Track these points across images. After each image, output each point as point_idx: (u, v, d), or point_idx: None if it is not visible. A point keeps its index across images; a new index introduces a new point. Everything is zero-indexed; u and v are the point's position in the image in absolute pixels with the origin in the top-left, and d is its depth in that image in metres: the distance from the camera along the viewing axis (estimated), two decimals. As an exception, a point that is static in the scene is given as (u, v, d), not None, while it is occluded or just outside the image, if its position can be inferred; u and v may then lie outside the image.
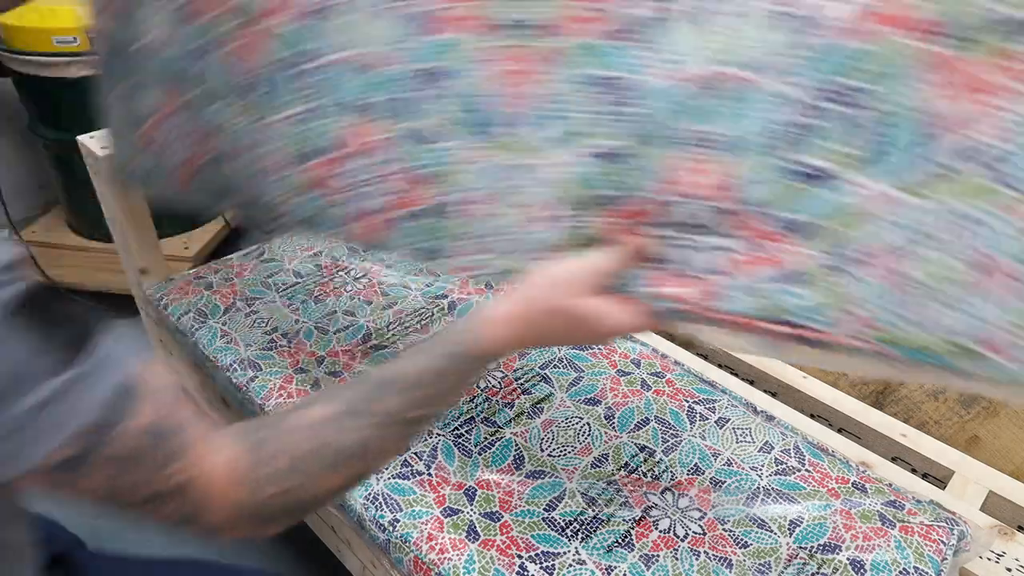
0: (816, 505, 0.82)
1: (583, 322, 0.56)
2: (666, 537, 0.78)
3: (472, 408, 0.94)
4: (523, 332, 0.56)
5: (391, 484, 0.84)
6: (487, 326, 0.56)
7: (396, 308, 1.11)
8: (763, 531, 0.79)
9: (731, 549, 0.77)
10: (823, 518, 0.80)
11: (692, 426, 0.93)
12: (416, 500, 0.82)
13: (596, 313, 0.56)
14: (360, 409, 0.52)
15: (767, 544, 0.77)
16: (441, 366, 0.55)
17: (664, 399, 0.97)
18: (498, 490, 0.83)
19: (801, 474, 0.86)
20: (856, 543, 0.78)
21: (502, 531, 0.78)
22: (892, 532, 0.79)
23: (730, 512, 0.81)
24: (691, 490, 0.84)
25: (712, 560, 0.76)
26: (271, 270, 1.20)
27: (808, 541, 0.78)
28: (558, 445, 0.89)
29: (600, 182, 0.59)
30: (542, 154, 0.61)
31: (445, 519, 0.80)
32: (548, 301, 0.56)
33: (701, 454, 0.88)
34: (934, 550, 0.78)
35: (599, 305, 0.56)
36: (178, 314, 1.11)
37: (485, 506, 0.81)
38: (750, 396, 1.00)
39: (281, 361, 1.01)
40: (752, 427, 0.93)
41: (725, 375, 1.07)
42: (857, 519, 0.80)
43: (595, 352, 1.05)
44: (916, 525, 0.80)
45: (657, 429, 0.92)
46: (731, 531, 0.79)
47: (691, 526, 0.79)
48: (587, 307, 0.56)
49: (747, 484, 0.84)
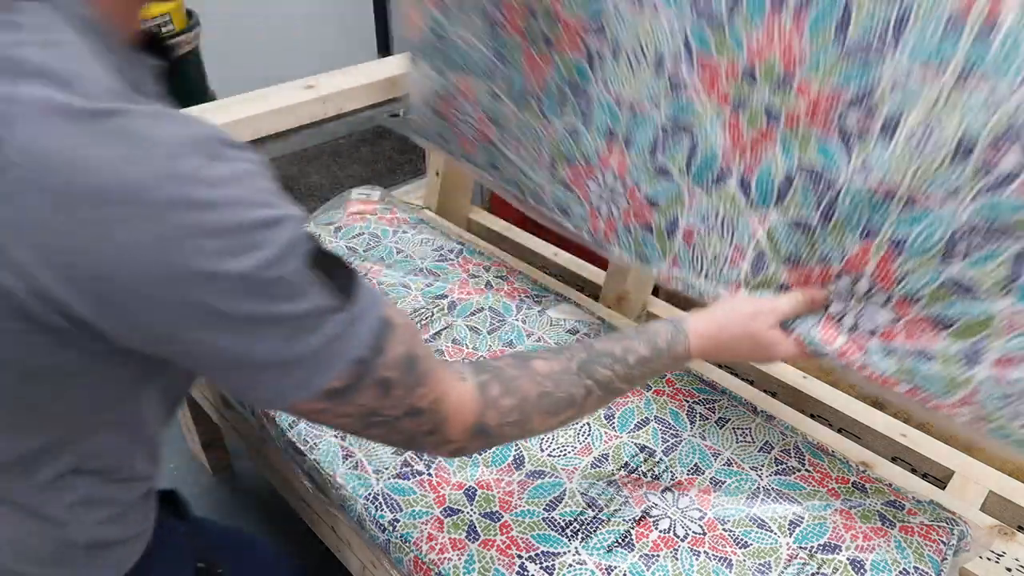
0: (816, 505, 0.82)
1: (763, 347, 0.76)
2: (666, 537, 0.78)
3: (472, 408, 0.94)
4: (717, 346, 0.74)
5: (391, 484, 0.84)
6: (692, 336, 0.73)
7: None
8: (763, 531, 0.79)
9: (731, 549, 0.77)
10: (823, 518, 0.80)
11: (692, 426, 0.93)
12: (416, 500, 0.82)
13: (774, 341, 0.76)
14: (575, 370, 0.64)
15: (767, 544, 0.77)
16: (644, 355, 0.70)
17: (664, 399, 0.97)
18: (498, 490, 0.83)
19: (801, 474, 0.86)
20: (856, 543, 0.78)
21: (502, 531, 0.78)
22: (892, 532, 0.79)
23: (730, 512, 0.81)
24: (691, 490, 0.84)
25: (712, 560, 0.76)
26: (271, 270, 1.20)
27: (808, 541, 0.78)
28: (558, 445, 0.89)
29: (794, 244, 0.76)
30: (752, 209, 0.78)
31: (445, 519, 0.80)
32: (744, 326, 0.75)
33: (701, 454, 0.88)
34: (934, 550, 0.78)
35: (776, 335, 0.76)
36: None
37: (485, 506, 0.81)
38: (750, 396, 1.00)
39: (281, 361, 1.00)
40: (752, 427, 0.93)
41: (725, 375, 1.07)
42: (857, 519, 0.80)
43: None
44: (916, 525, 0.80)
45: (657, 429, 0.92)
46: (731, 531, 0.79)
47: (691, 526, 0.79)
48: (769, 336, 0.75)
49: (747, 484, 0.84)
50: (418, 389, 0.52)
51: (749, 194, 0.78)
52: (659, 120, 0.84)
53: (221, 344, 0.43)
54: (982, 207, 0.62)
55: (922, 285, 0.68)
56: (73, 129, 0.39)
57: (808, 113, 0.71)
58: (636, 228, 0.91)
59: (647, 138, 0.86)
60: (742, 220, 0.79)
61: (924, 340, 0.69)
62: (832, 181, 0.71)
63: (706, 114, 0.79)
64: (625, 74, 0.86)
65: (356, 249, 1.26)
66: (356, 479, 0.85)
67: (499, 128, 1.07)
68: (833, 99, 0.68)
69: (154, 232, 0.39)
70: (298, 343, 0.45)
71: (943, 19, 0.59)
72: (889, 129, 0.65)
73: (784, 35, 0.70)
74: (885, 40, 0.64)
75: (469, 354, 1.02)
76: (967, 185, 0.62)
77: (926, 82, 0.62)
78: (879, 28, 0.64)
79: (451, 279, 1.18)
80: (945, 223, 0.64)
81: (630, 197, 0.90)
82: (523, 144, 1.04)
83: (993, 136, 0.59)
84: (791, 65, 0.70)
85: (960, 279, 0.65)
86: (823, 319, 0.76)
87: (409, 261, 1.23)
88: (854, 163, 0.68)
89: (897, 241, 0.68)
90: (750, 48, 0.73)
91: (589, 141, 0.93)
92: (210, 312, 0.42)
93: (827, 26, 0.67)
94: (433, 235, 1.31)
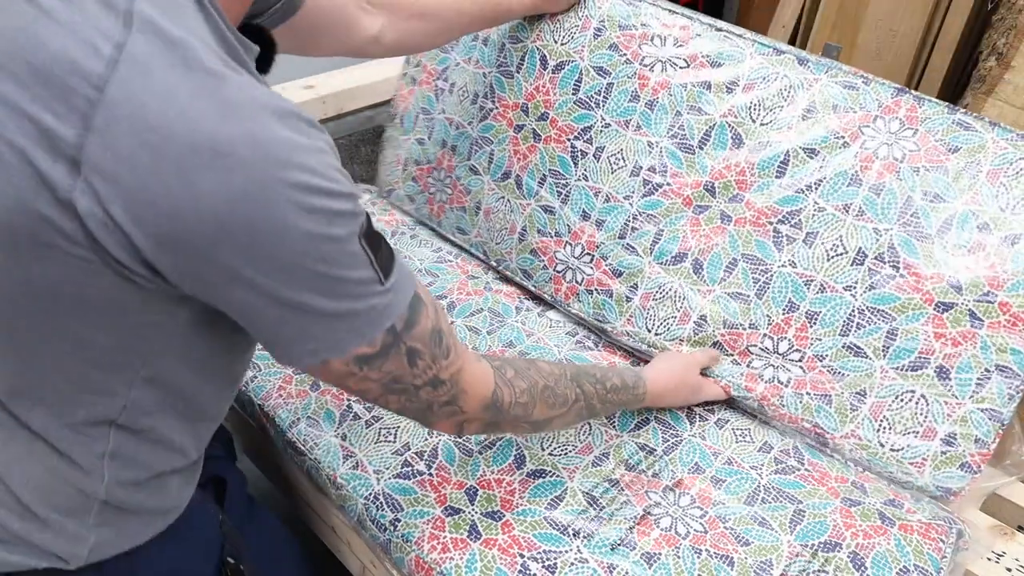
0: (816, 503, 0.82)
1: (696, 391, 0.93)
2: (668, 535, 0.78)
3: (472, 408, 0.94)
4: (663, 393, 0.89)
5: (392, 484, 0.84)
6: (649, 381, 0.86)
7: (395, 308, 1.11)
8: (764, 529, 0.79)
9: (733, 547, 0.77)
10: (823, 516, 0.80)
11: (692, 426, 0.93)
12: (417, 500, 0.82)
13: (703, 385, 0.94)
14: (568, 376, 0.73)
15: (768, 542, 0.78)
16: (617, 384, 0.80)
17: (664, 398, 0.97)
18: (499, 489, 0.83)
19: (801, 473, 0.86)
20: (856, 540, 0.78)
21: (504, 530, 0.78)
22: (892, 530, 0.79)
23: (731, 510, 0.81)
24: (692, 488, 0.84)
25: (714, 558, 0.76)
26: (269, 270, 1.20)
27: (809, 539, 0.78)
28: (559, 444, 0.89)
29: (731, 312, 0.95)
30: (701, 286, 0.98)
31: (447, 518, 0.80)
32: (682, 377, 0.92)
33: (701, 453, 0.89)
34: (933, 548, 0.78)
35: (703, 380, 0.95)
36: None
37: (486, 505, 0.81)
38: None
39: (280, 361, 1.00)
40: (751, 427, 0.93)
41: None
42: (857, 517, 0.80)
43: (594, 353, 1.05)
44: (915, 523, 0.80)
45: (657, 429, 0.92)
46: (732, 529, 0.79)
47: (693, 524, 0.79)
48: (699, 381, 0.94)
49: (747, 483, 0.85)
50: (441, 361, 0.58)
51: (700, 273, 0.98)
52: (631, 211, 1.03)
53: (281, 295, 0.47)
54: (869, 296, 0.87)
55: (827, 348, 0.89)
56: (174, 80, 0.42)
57: (753, 221, 0.94)
58: (598, 292, 1.06)
59: (618, 222, 1.04)
60: (692, 291, 0.98)
61: (825, 388, 0.89)
62: (767, 268, 0.93)
63: (672, 211, 1.00)
64: (605, 172, 1.05)
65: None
66: (356, 479, 0.85)
67: (471, 196, 1.20)
68: (772, 214, 0.93)
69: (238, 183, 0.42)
70: (344, 306, 0.49)
71: (847, 176, 0.89)
72: (810, 240, 0.91)
73: (739, 166, 0.95)
74: (810, 185, 0.91)
75: (469, 354, 1.02)
76: (861, 281, 0.87)
77: (836, 213, 0.89)
78: (806, 177, 0.91)
79: (450, 280, 1.18)
80: (846, 305, 0.88)
81: (596, 267, 1.06)
82: (495, 213, 1.17)
83: (876, 253, 0.87)
84: (743, 187, 0.95)
85: (853, 345, 0.88)
86: (747, 372, 0.95)
87: (408, 262, 1.23)
88: (784, 258, 0.92)
89: (811, 315, 0.90)
90: (712, 170, 0.97)
91: (563, 217, 1.09)
92: (278, 262, 0.46)
93: (771, 166, 0.93)
94: (432, 236, 1.31)
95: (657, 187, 1.01)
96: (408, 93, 1.31)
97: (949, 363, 0.83)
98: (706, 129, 0.97)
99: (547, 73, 1.09)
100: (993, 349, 0.82)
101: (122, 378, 0.53)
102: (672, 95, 1.00)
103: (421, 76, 1.29)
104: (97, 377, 0.52)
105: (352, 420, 0.91)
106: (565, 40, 1.07)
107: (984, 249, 0.82)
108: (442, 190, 1.25)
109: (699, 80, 0.98)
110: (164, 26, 0.43)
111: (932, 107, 0.87)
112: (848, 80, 0.92)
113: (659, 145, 1.01)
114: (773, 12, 1.90)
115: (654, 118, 1.01)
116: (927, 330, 0.84)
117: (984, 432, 0.83)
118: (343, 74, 1.43)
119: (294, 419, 0.92)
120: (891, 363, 0.86)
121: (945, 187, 0.84)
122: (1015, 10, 1.37)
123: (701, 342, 0.98)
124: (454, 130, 1.22)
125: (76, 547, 0.57)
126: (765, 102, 0.94)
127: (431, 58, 1.27)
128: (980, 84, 1.39)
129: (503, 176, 1.15)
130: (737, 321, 0.95)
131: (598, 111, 1.05)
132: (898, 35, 1.60)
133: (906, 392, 0.86)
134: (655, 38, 1.02)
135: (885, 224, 0.86)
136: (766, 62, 0.96)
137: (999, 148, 0.83)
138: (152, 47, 0.42)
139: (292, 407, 0.94)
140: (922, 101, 0.88)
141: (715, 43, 0.99)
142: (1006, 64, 1.33)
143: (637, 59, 1.03)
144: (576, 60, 1.06)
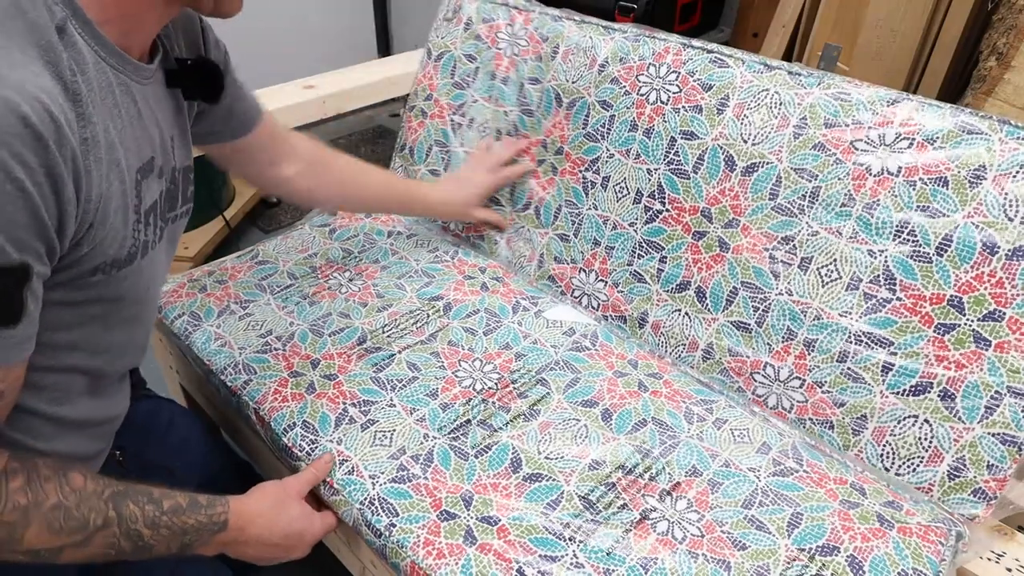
0: (814, 506, 0.81)
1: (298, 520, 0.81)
2: (664, 539, 0.78)
3: (468, 411, 0.93)
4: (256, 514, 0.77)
5: (387, 489, 0.83)
6: (235, 500, 0.75)
7: (391, 310, 1.10)
8: (762, 532, 0.78)
9: (730, 551, 0.76)
10: (821, 519, 0.80)
11: (690, 427, 0.92)
12: (412, 505, 0.81)
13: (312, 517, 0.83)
14: (106, 496, 0.62)
15: (766, 546, 0.77)
16: (181, 504, 0.69)
17: (662, 400, 0.96)
18: (495, 494, 0.82)
19: (799, 475, 0.86)
20: (855, 544, 0.77)
21: (499, 535, 0.78)
22: (890, 533, 0.79)
23: (728, 514, 0.81)
24: (689, 492, 0.83)
25: (711, 562, 0.75)
26: (265, 272, 1.20)
27: (807, 542, 0.77)
28: (555, 447, 0.88)
29: (735, 340, 0.99)
30: (707, 312, 1.01)
31: (442, 523, 0.79)
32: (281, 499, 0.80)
33: (699, 455, 0.88)
34: (932, 551, 0.78)
35: (305, 509, 0.83)
36: (172, 317, 1.10)
37: (482, 510, 0.81)
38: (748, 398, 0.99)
39: (276, 364, 1.00)
40: (750, 428, 0.93)
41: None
42: (855, 520, 0.80)
43: (592, 354, 1.04)
44: (914, 526, 0.80)
45: (655, 430, 0.91)
46: (729, 533, 0.78)
47: (689, 528, 0.79)
48: (305, 510, 0.82)
49: (745, 486, 0.84)
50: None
51: (704, 301, 1.00)
52: (635, 238, 1.08)
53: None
54: (865, 322, 0.87)
55: (826, 374, 0.90)
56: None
57: (749, 248, 0.96)
58: (612, 317, 1.11)
59: (626, 249, 1.09)
60: (698, 319, 1.01)
61: (826, 414, 0.90)
62: (765, 296, 0.94)
63: (674, 238, 1.04)
64: (611, 200, 1.11)
65: (351, 251, 1.25)
66: (352, 484, 0.84)
67: (494, 227, 1.27)
68: (767, 239, 0.94)
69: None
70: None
71: (841, 196, 0.88)
72: (805, 265, 0.91)
73: (732, 191, 0.97)
74: (803, 207, 0.91)
75: (465, 355, 1.02)
76: (856, 307, 0.87)
77: (830, 236, 0.89)
78: (798, 198, 0.92)
79: (446, 281, 1.17)
80: (842, 331, 0.88)
81: (609, 293, 1.11)
82: (514, 240, 1.25)
83: (872, 276, 0.86)
84: (738, 212, 0.97)
85: (851, 371, 0.88)
86: (752, 398, 0.98)
87: (404, 263, 1.22)
88: (781, 286, 0.93)
89: (809, 342, 0.90)
90: (708, 195, 1.00)
91: (577, 245, 1.15)
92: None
93: (764, 188, 0.94)
94: (428, 236, 1.31)
95: (657, 214, 1.05)
96: (418, 125, 1.34)
97: (954, 387, 0.82)
98: (699, 154, 1.00)
99: (562, 110, 1.16)
100: (1004, 371, 0.79)
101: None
102: (666, 121, 1.04)
103: (433, 110, 1.32)
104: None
105: (348, 424, 0.91)
106: (575, 79, 1.14)
107: (989, 264, 0.79)
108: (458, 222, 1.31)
109: (691, 104, 1.02)
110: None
111: (933, 111, 0.85)
112: (840, 91, 0.91)
113: (657, 172, 1.05)
114: (773, 12, 1.90)
115: (651, 145, 1.05)
116: (928, 352, 0.83)
117: (997, 457, 0.80)
118: (343, 74, 1.43)
119: (290, 423, 0.92)
120: (891, 388, 0.86)
121: (945, 200, 0.82)
122: (1015, 10, 1.36)
123: (708, 370, 1.01)
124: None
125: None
126: (755, 122, 0.96)
127: (444, 93, 1.31)
128: (980, 84, 1.38)
129: (524, 207, 1.23)
130: (740, 349, 0.97)
131: (603, 142, 1.11)
132: (898, 35, 1.60)
133: (908, 417, 0.85)
134: (650, 67, 1.07)
135: (879, 245, 0.86)
136: (756, 79, 0.98)
137: (1008, 150, 0.79)
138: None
139: (287, 411, 0.93)
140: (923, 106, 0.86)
141: (705, 65, 1.02)
142: (1006, 64, 1.33)
143: (635, 89, 1.08)
144: (585, 96, 1.13)
